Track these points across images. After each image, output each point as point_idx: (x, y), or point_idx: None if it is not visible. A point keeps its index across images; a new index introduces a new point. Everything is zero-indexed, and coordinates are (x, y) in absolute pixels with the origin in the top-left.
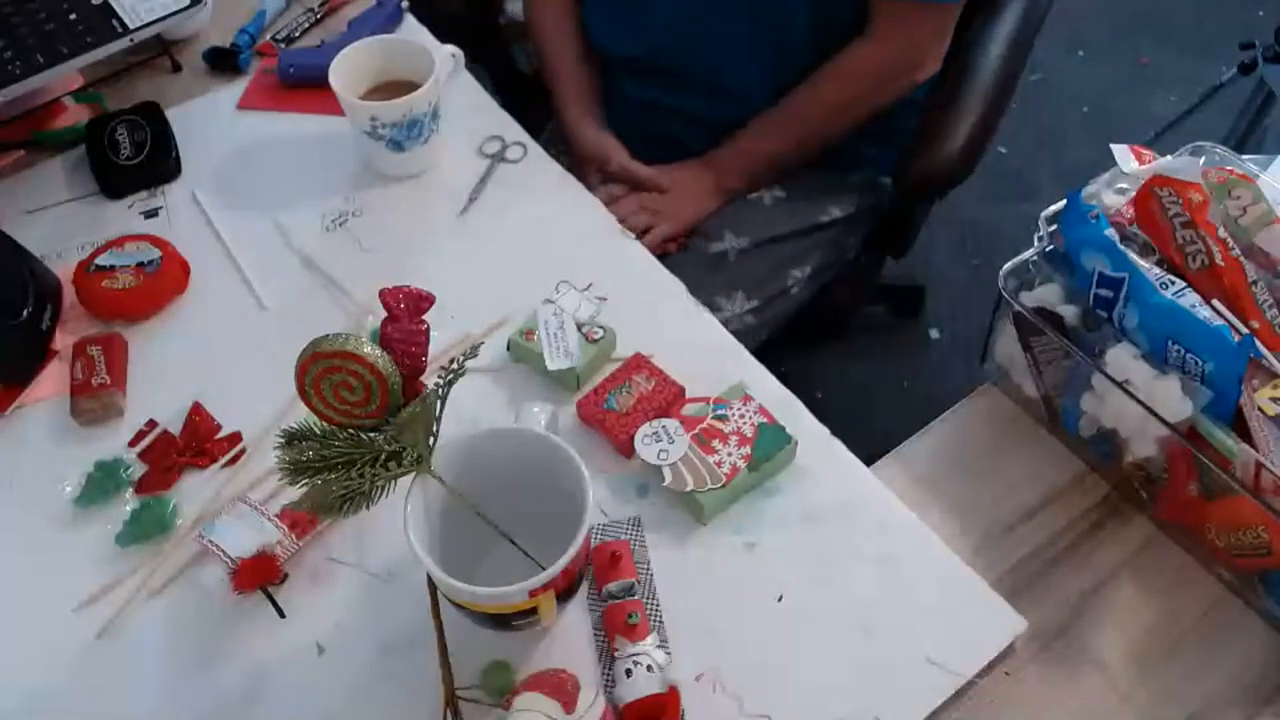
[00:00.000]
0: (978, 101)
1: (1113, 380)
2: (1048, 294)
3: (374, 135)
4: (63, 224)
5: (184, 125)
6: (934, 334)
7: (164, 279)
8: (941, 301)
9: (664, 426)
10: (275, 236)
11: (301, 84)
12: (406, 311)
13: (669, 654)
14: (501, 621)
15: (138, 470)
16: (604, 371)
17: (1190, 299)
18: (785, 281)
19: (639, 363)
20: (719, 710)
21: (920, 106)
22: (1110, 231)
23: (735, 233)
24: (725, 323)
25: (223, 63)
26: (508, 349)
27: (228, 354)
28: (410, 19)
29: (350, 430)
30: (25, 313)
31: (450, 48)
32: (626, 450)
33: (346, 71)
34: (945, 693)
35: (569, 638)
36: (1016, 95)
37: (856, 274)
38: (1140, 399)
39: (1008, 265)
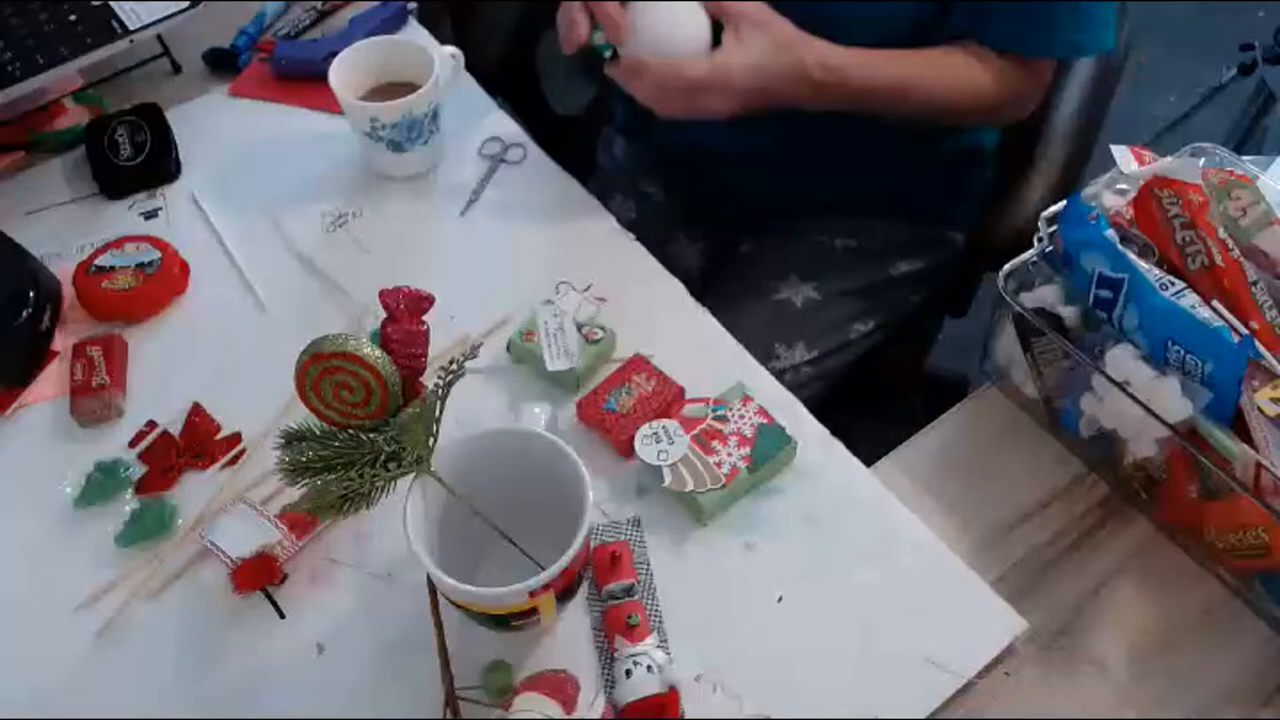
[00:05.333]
0: (1056, 161)
1: (1112, 381)
2: (1047, 295)
3: (373, 136)
4: (63, 225)
5: (184, 126)
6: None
7: (164, 280)
8: None
9: (664, 427)
10: (275, 237)
11: (291, 76)
12: (406, 312)
13: (669, 654)
14: (501, 622)
15: (138, 471)
16: (604, 372)
17: (1190, 300)
18: (847, 335)
19: (639, 364)
20: (719, 710)
21: (989, 161)
22: (1110, 232)
23: (802, 278)
24: (780, 373)
25: (223, 64)
26: (507, 350)
27: (228, 354)
28: (413, 22)
29: (350, 431)
30: (25, 314)
31: (450, 49)
32: (626, 451)
33: (346, 72)
34: (945, 693)
35: (569, 638)
36: None
37: (914, 333)
38: (1140, 400)
39: (1008, 266)
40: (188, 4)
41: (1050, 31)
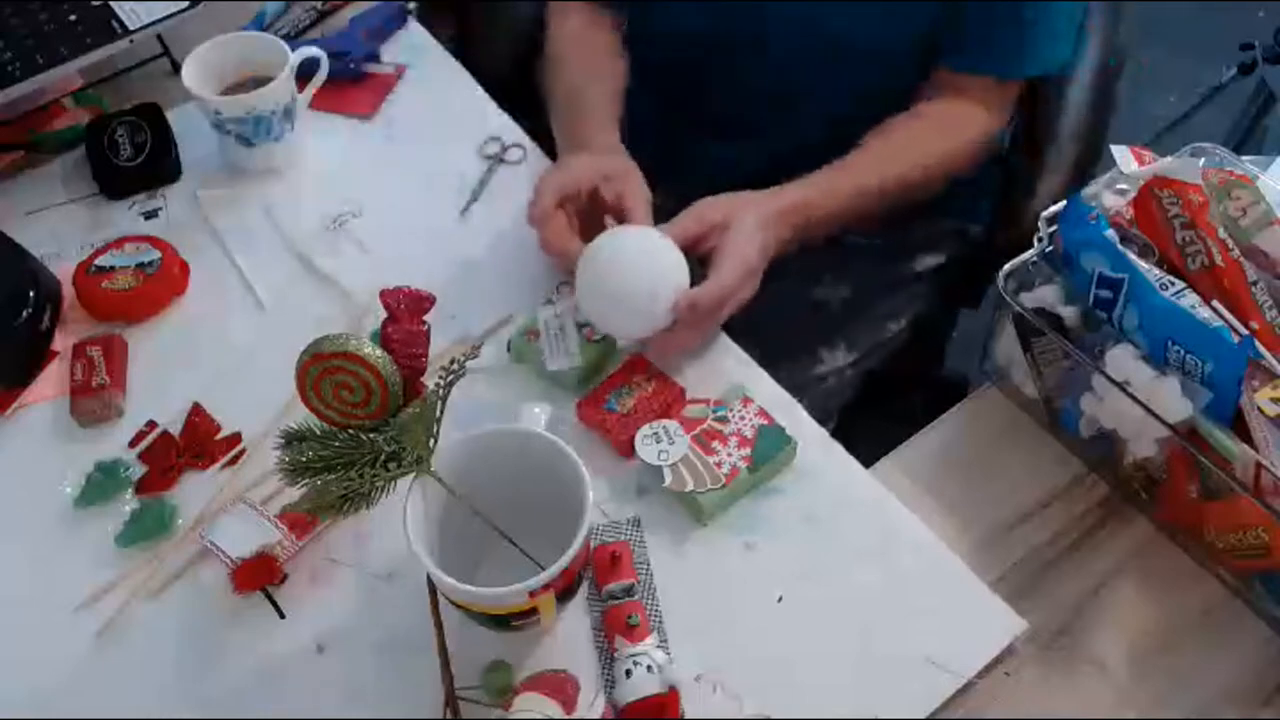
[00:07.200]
0: (1070, 149)
1: (1112, 381)
2: (1047, 295)
3: (221, 129)
4: (63, 225)
5: (184, 126)
6: None
7: (164, 280)
8: None
9: (664, 428)
10: (275, 237)
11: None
12: (407, 312)
13: (669, 654)
14: (501, 622)
15: (138, 471)
16: (604, 373)
17: (1190, 300)
18: (883, 333)
19: (639, 364)
20: (719, 710)
21: (1002, 154)
22: (1110, 232)
23: (835, 278)
24: (823, 376)
25: None
26: (508, 349)
27: (228, 354)
28: (413, 22)
29: (350, 431)
30: (25, 314)
31: None
32: (626, 451)
33: (204, 64)
34: (945, 693)
35: (569, 638)
36: None
37: (934, 329)
38: (1140, 400)
39: (1008, 265)
40: (188, 4)
41: (1037, 48)
